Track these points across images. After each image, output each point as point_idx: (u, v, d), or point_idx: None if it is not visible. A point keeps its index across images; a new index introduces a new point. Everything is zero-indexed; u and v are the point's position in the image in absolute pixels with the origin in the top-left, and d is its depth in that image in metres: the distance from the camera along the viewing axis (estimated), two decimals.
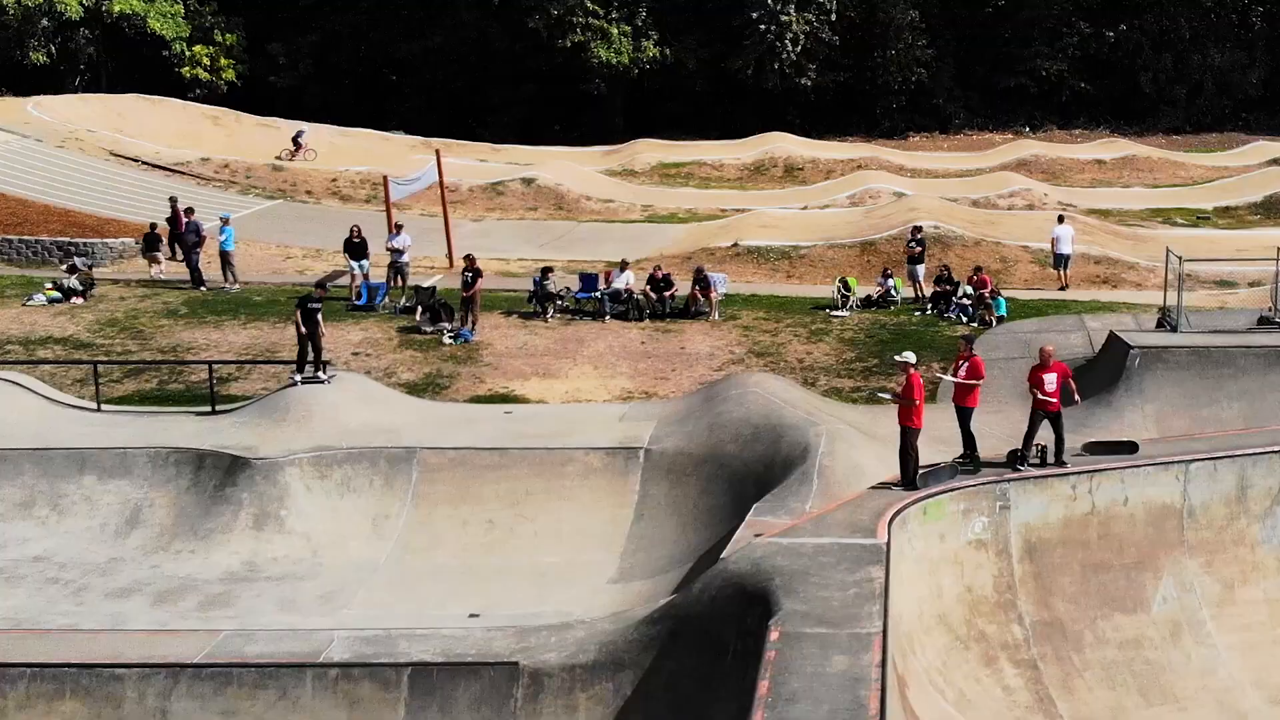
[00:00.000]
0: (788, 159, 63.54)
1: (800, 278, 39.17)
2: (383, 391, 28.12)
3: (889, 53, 74.84)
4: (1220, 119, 73.52)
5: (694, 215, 50.87)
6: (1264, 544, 20.18)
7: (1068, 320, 30.82)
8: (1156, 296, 35.32)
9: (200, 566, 22.74)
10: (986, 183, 53.82)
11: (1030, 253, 39.43)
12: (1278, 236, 43.17)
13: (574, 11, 71.53)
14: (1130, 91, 74.52)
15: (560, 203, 52.29)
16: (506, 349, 31.12)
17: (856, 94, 76.31)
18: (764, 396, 26.08)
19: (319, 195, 50.40)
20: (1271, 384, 25.61)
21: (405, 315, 33.01)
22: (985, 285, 32.32)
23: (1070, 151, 63.16)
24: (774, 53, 73.20)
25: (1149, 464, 19.94)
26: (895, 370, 28.44)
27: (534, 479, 24.70)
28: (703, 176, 62.06)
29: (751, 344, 31.07)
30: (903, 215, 43.04)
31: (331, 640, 17.79)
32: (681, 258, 40.34)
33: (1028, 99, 75.50)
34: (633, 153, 64.89)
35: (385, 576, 22.83)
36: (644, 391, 28.98)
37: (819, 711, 13.19)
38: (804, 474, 22.34)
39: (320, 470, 24.53)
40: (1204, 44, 73.88)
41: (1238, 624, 19.59)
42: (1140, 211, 48.93)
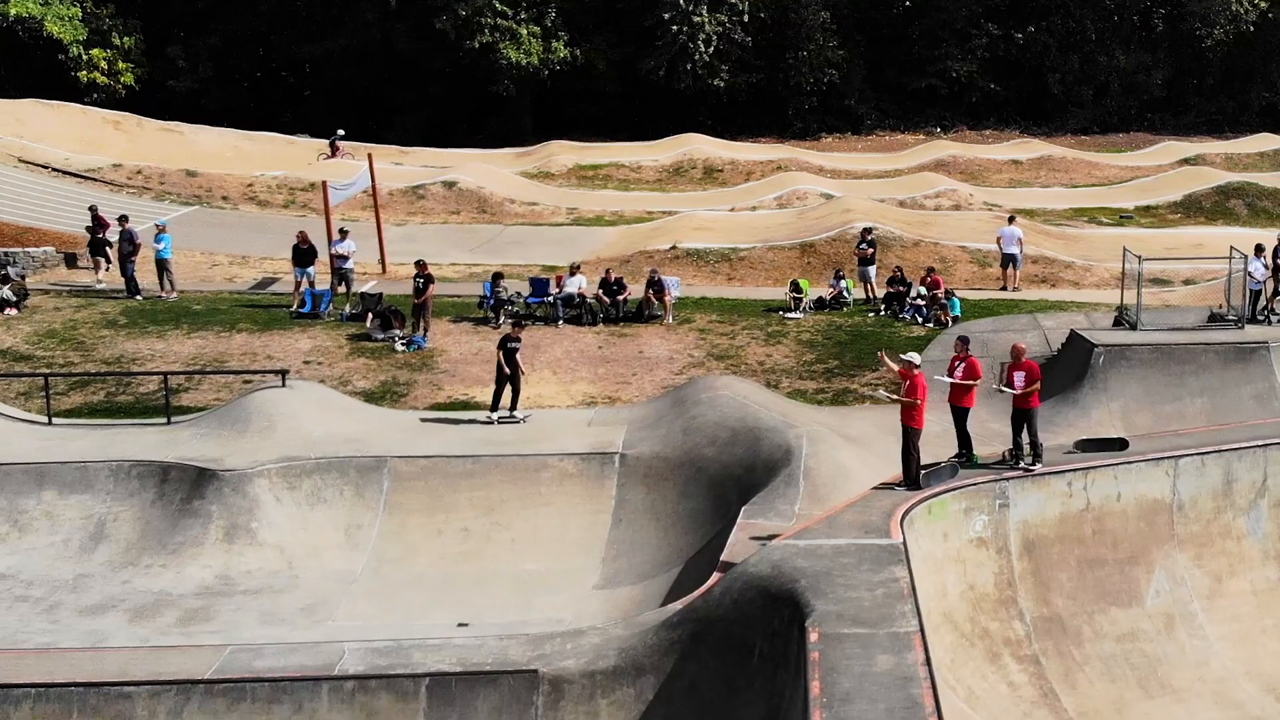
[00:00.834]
0: (706, 160, 63.84)
1: (741, 280, 39.57)
2: (344, 400, 28.03)
3: (801, 54, 75.48)
4: (1126, 119, 75.48)
5: (621, 218, 51.03)
6: (1249, 536, 20.97)
7: (1021, 319, 31.61)
8: (1097, 295, 36.54)
9: (173, 581, 22.57)
10: (911, 184, 54.68)
11: (968, 253, 40.30)
12: (1201, 235, 44.89)
13: (482, 12, 71.17)
14: (1039, 92, 76.19)
15: (483, 206, 52.14)
16: (461, 355, 31.12)
17: (768, 95, 76.91)
18: (736, 400, 26.44)
19: (236, 201, 49.74)
20: (1231, 380, 26.62)
21: (352, 323, 32.81)
22: (938, 286, 33.01)
23: (986, 152, 64.39)
24: (686, 54, 73.51)
25: (1140, 460, 20.62)
26: (859, 371, 29.20)
27: (508, 486, 24.83)
28: (621, 179, 62.16)
29: (710, 347, 31.40)
30: (838, 217, 43.69)
31: (343, 652, 17.74)
32: (619, 261, 40.49)
33: (938, 100, 76.74)
34: (547, 154, 64.79)
35: (365, 587, 22.84)
36: (607, 396, 29.17)
37: (875, 710, 13.49)
38: (789, 476, 22.78)
39: (289, 481, 24.44)
40: (1109, 45, 75.79)
41: (1227, 615, 20.32)
42: (1064, 211, 50.09)
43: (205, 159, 55.81)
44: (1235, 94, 76.96)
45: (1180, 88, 77.01)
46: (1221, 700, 19.16)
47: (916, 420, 19.70)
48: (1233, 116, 75.54)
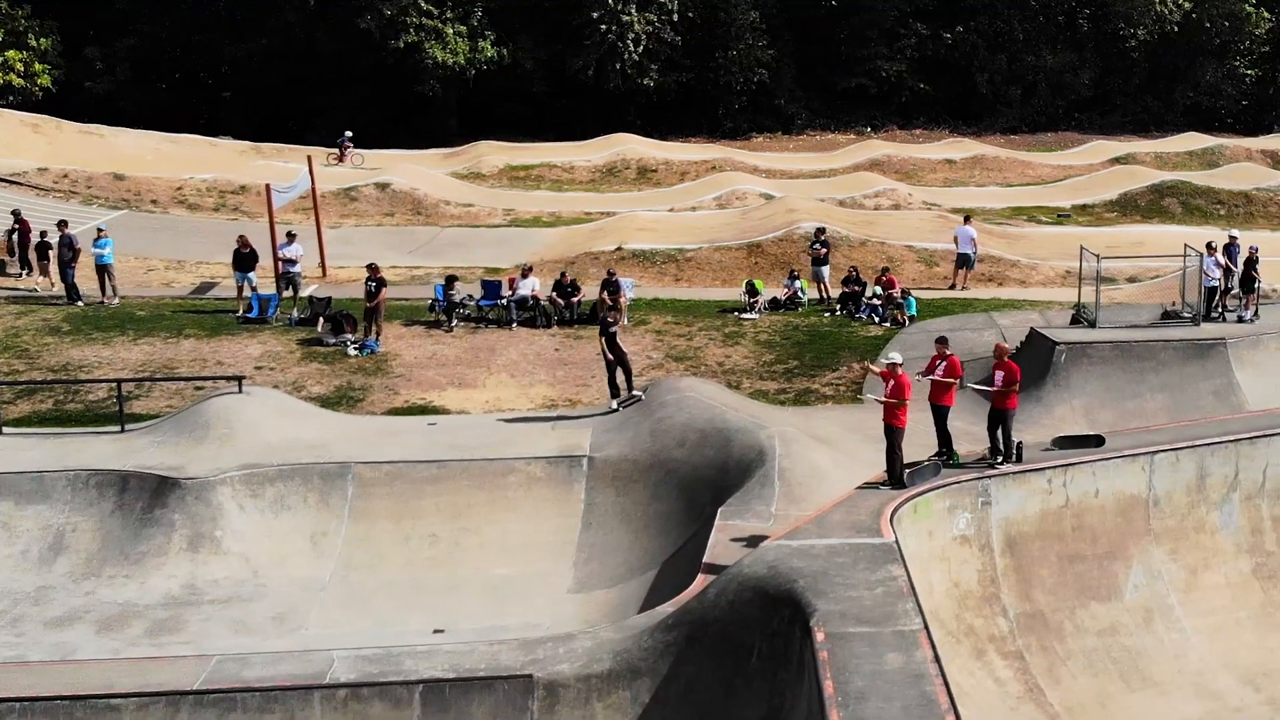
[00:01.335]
0: (640, 160, 64.01)
1: (689, 281, 39.76)
2: (301, 406, 27.85)
3: (730, 53, 76.04)
4: (1054, 119, 76.83)
5: (559, 219, 51.05)
6: (1222, 530, 21.49)
7: (978, 318, 32.11)
8: (1045, 293, 37.21)
9: (138, 592, 22.34)
10: (849, 183, 55.21)
11: (915, 252, 40.84)
12: (1139, 233, 45.80)
13: (407, 11, 70.98)
14: (967, 92, 77.34)
15: (418, 208, 51.92)
16: (416, 359, 31.03)
17: (698, 94, 77.36)
18: (702, 401, 26.59)
19: (165, 205, 49.13)
20: (1190, 376, 27.25)
21: (302, 327, 32.59)
22: (893, 285, 33.42)
23: (920, 152, 65.16)
24: (615, 53, 73.79)
25: (1117, 456, 21.05)
26: (819, 371, 29.50)
27: (475, 491, 24.77)
28: (554, 179, 62.13)
29: (668, 349, 31.56)
30: (783, 217, 44.06)
31: (333, 660, 17.64)
32: (564, 262, 40.55)
33: (868, 99, 77.63)
34: (476, 155, 64.63)
35: (335, 595, 22.72)
36: (568, 399, 29.23)
37: (891, 708, 13.70)
38: (764, 477, 22.92)
39: (252, 489, 24.22)
40: (1037, 45, 77.13)
41: (1203, 608, 20.80)
42: (1002, 210, 50.81)
43: (127, 162, 55.01)
44: (1160, 93, 78.65)
45: (1106, 87, 78.51)
46: (1201, 692, 19.61)
47: (900, 419, 19.96)
48: (1158, 116, 77.19)
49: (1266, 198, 51.75)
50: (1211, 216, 50.07)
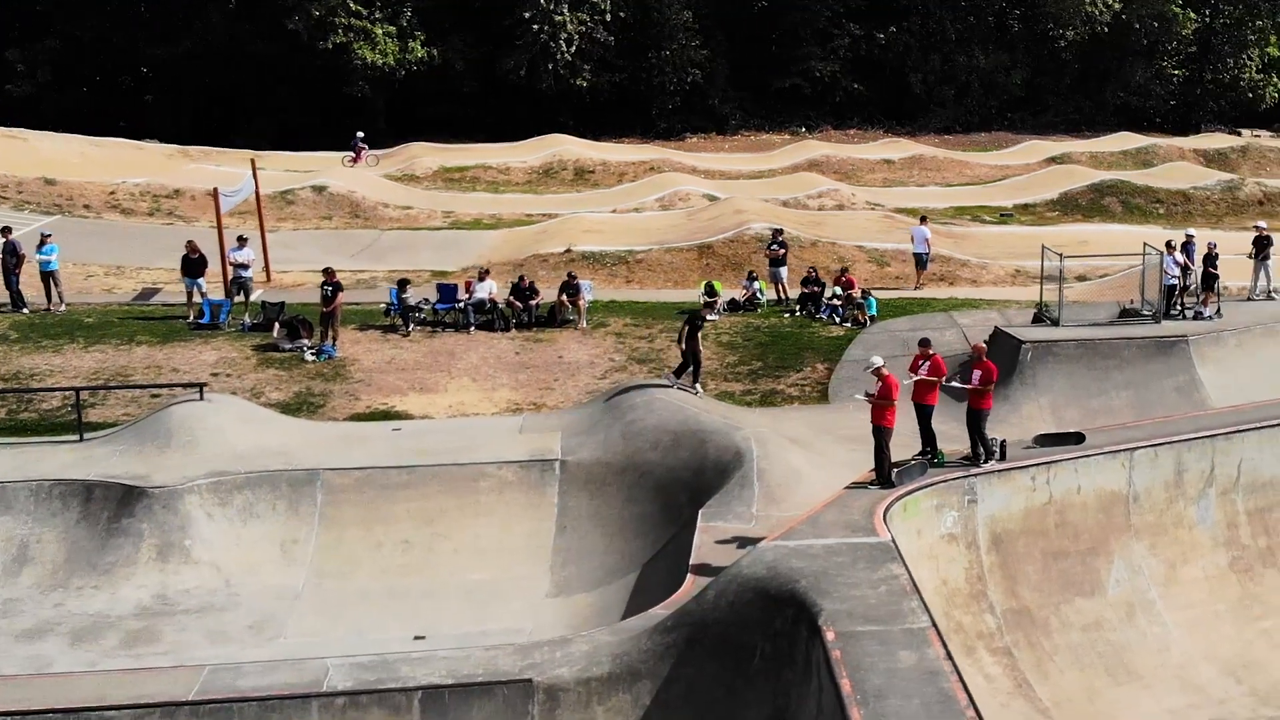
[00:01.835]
0: (577, 161, 64.10)
1: (640, 282, 39.91)
2: (264, 413, 27.63)
3: (663, 53, 76.26)
4: (987, 119, 77.90)
5: (500, 221, 50.99)
6: (1199, 524, 22.00)
7: (938, 318, 32.55)
8: (998, 292, 37.78)
9: (108, 603, 22.13)
10: (791, 184, 55.70)
11: (865, 252, 41.28)
12: (1083, 232, 46.60)
13: (336, 12, 70.60)
14: (901, 92, 78.20)
15: (356, 211, 51.57)
16: (374, 364, 30.91)
17: (631, 95, 77.53)
18: (673, 403, 26.71)
19: (98, 210, 48.42)
20: (1154, 373, 27.84)
21: (255, 333, 32.34)
22: (852, 286, 33.78)
23: (858, 152, 65.84)
24: (548, 53, 73.81)
25: (1098, 453, 21.48)
26: (783, 372, 29.77)
27: (446, 496, 24.74)
28: (490, 180, 61.99)
29: (630, 351, 31.68)
30: (731, 218, 44.36)
31: (327, 668, 17.58)
32: (513, 264, 40.61)
33: (802, 100, 78.21)
34: (409, 157, 64.37)
35: (310, 603, 22.65)
36: (532, 403, 29.25)
37: (910, 705, 13.93)
38: (743, 478, 23.09)
39: (220, 497, 24.06)
40: (969, 46, 78.14)
41: (1183, 602, 21.29)
42: (946, 210, 51.52)
43: (54, 166, 53.97)
44: (1091, 93, 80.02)
45: (1038, 88, 79.73)
46: (1185, 685, 20.07)
47: (889, 419, 20.24)
48: (1089, 116, 78.52)
49: (1204, 196, 52.95)
50: (1151, 215, 51.13)
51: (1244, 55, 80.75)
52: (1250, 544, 22.17)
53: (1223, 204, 52.62)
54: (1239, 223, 49.36)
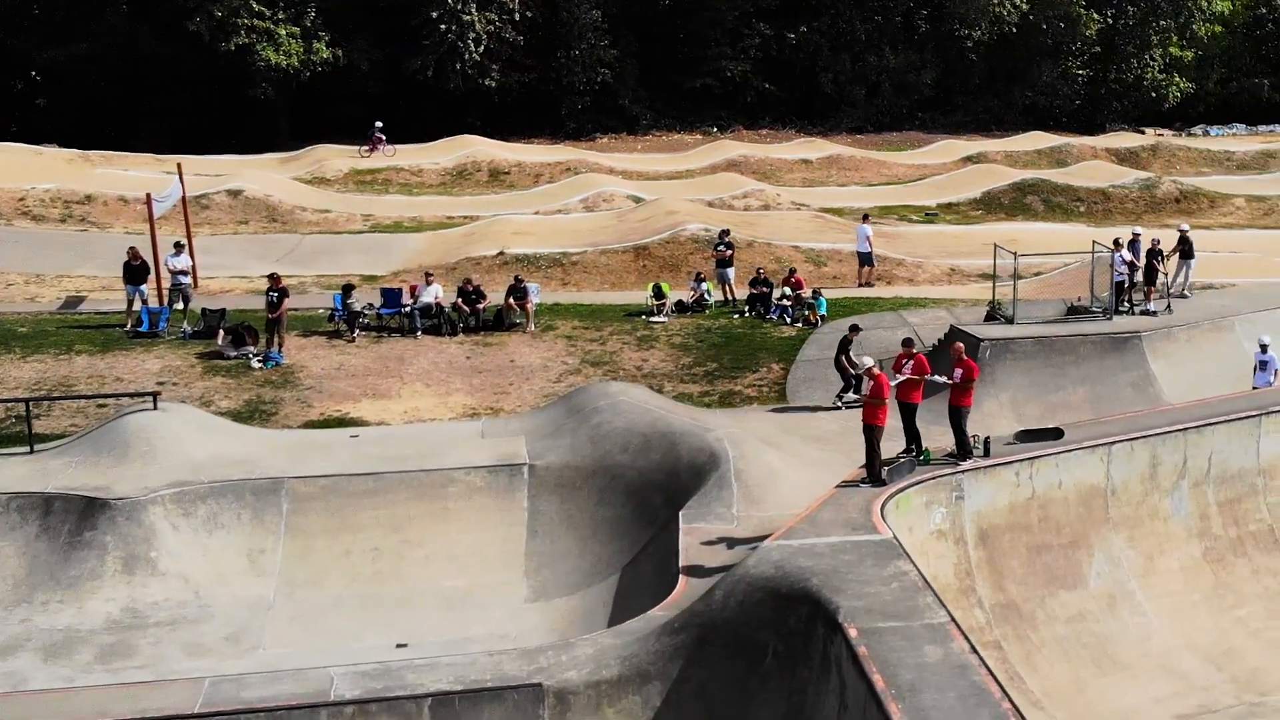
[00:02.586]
0: (491, 163, 64.16)
1: (577, 285, 40.11)
2: (219, 421, 27.40)
3: (573, 53, 76.66)
4: (899, 118, 79.27)
5: (420, 224, 50.95)
6: (1174, 516, 22.68)
7: (888, 317, 33.14)
8: (935, 291, 38.56)
9: (77, 617, 21.83)
10: (714, 184, 56.23)
11: (802, 252, 41.83)
12: (1011, 230, 47.61)
13: (238, 13, 69.96)
14: (812, 92, 79.26)
15: (273, 215, 51.16)
16: (323, 371, 30.77)
17: (540, 95, 77.77)
18: (638, 405, 26.95)
19: (9, 217, 47.47)
20: (1109, 369, 28.68)
21: (197, 340, 32.01)
22: (801, 286, 34.27)
23: (776, 152, 66.60)
24: (455, 53, 73.83)
25: (1078, 448, 22.05)
26: (739, 373, 30.16)
27: (414, 503, 24.70)
28: (403, 183, 61.85)
29: (583, 354, 31.86)
30: (663, 219, 44.72)
31: (331, 678, 17.53)
32: (444, 268, 40.60)
33: (713, 99, 79.00)
34: (317, 159, 63.99)
35: (284, 613, 22.53)
36: (489, 407, 29.33)
37: (946, 699, 14.26)
38: (721, 479, 23.38)
39: (184, 507, 23.80)
40: (879, 46, 79.41)
41: (1161, 592, 21.93)
42: (872, 209, 52.05)
43: None
44: (1000, 93, 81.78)
45: (948, 88, 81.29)
46: (1169, 673, 20.68)
47: (880, 418, 20.64)
48: (999, 115, 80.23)
49: (1123, 195, 54.35)
50: (1073, 214, 52.41)
51: (1146, 55, 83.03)
52: (1221, 534, 22.91)
53: (1141, 202, 54.07)
54: (1158, 220, 50.73)
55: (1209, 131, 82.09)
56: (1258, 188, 58.50)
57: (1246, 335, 30.05)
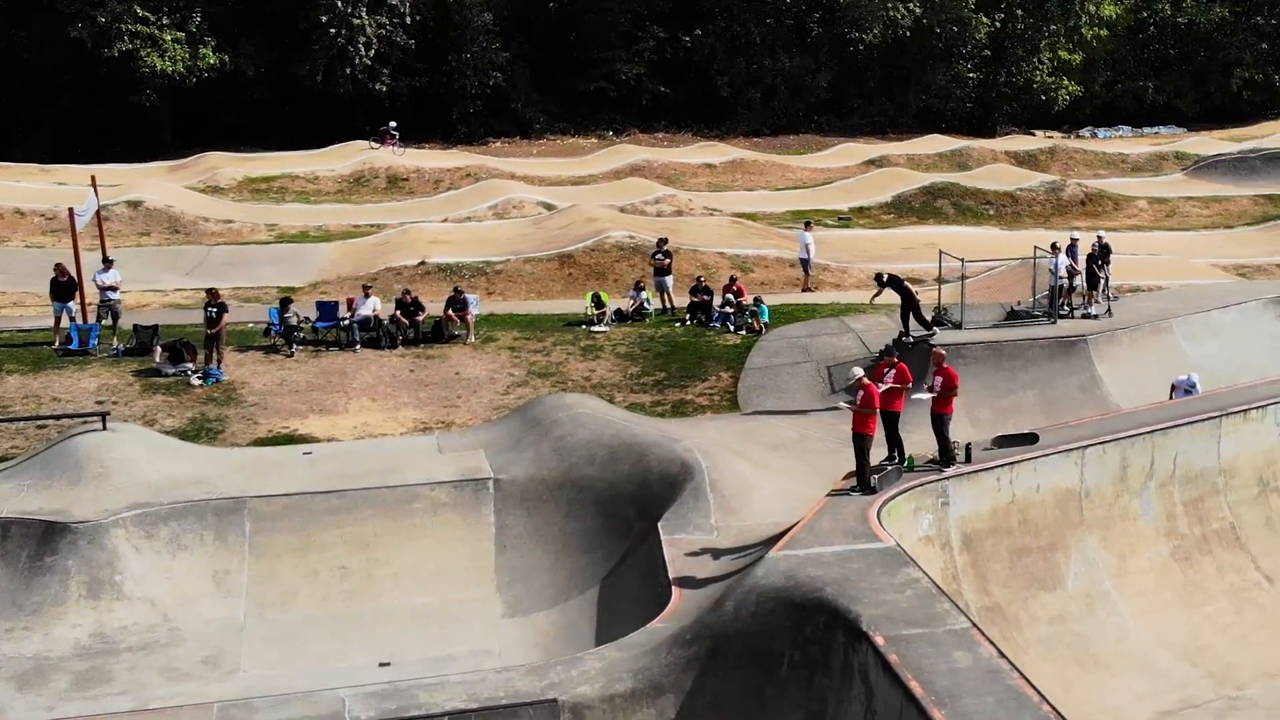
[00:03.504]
0: (389, 169, 63.84)
1: (502, 294, 40.21)
2: (170, 441, 27.15)
3: (464, 56, 76.47)
4: (795, 121, 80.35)
5: (328, 233, 50.64)
6: (1143, 516, 23.55)
7: (831, 323, 33.72)
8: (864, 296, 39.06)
9: (44, 644, 21.60)
10: (623, 190, 56.63)
11: (728, 259, 42.37)
12: (928, 234, 48.77)
13: (122, 19, 68.83)
14: (708, 95, 79.99)
15: (175, 226, 50.53)
16: (266, 387, 30.56)
17: (431, 99, 77.48)
18: (600, 417, 27.27)
19: None
20: (1057, 372, 29.63)
21: (130, 357, 31.61)
22: (742, 294, 34.79)
23: (680, 156, 67.18)
24: (345, 57, 73.30)
25: (1054, 452, 22.81)
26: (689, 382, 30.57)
27: (380, 520, 24.74)
28: (299, 190, 61.29)
29: (528, 365, 32.02)
30: (584, 226, 45.02)
31: (342, 699, 17.58)
32: (365, 278, 40.48)
33: (607, 102, 79.35)
34: (208, 167, 63.12)
35: (259, 635, 22.49)
36: (439, 421, 29.39)
37: (986, 703, 14.79)
38: (696, 490, 23.79)
39: (146, 529, 23.61)
40: (774, 49, 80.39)
41: (1134, 591, 22.76)
42: (783, 214, 53.10)
43: None
44: (895, 96, 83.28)
45: (843, 91, 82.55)
46: (1147, 670, 21.50)
47: (870, 427, 21.18)
48: (894, 118, 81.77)
49: (1030, 197, 55.83)
50: (983, 217, 53.71)
51: (1035, 59, 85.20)
52: (1188, 533, 23.84)
53: (1048, 205, 55.57)
54: (1065, 223, 52.24)
55: (1096, 133, 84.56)
56: (1156, 189, 60.47)
57: (1184, 336, 31.29)
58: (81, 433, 26.13)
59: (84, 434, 26.03)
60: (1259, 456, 25.07)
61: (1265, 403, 25.27)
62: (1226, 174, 63.23)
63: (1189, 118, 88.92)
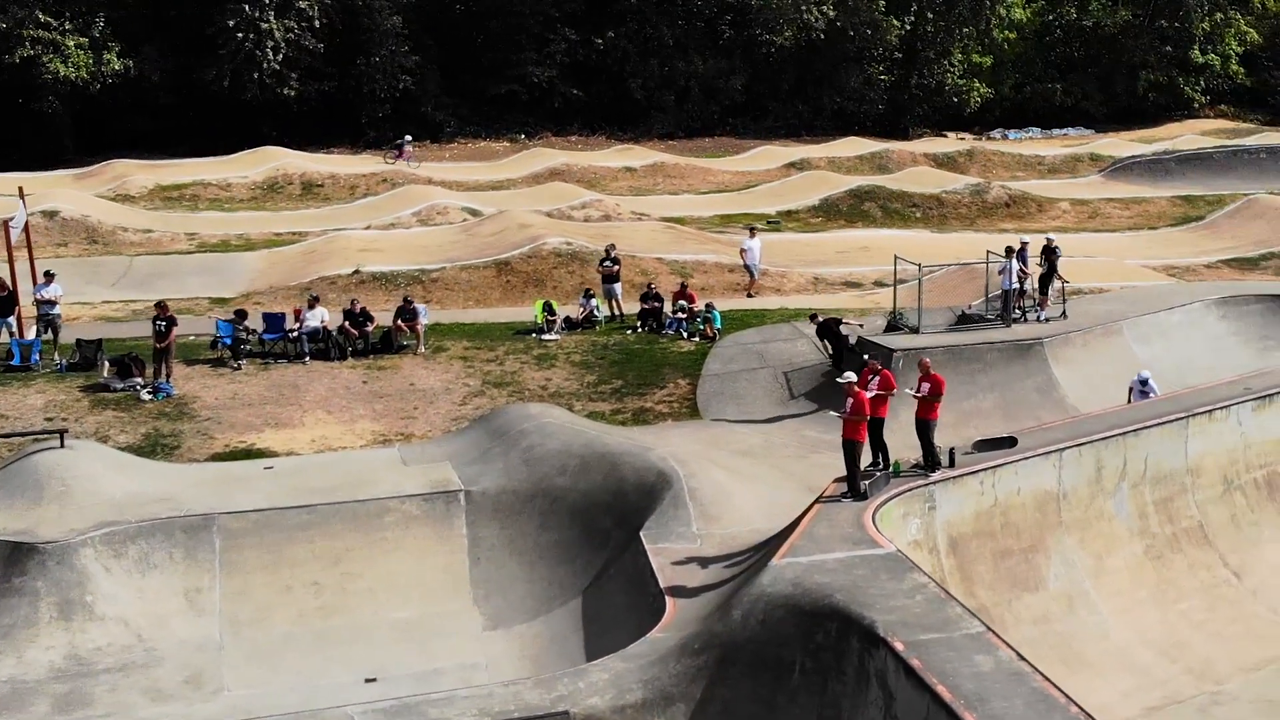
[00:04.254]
0: (303, 175, 63.40)
1: (440, 302, 40.12)
2: (129, 458, 26.90)
3: (373, 59, 76.21)
4: (710, 124, 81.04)
5: (250, 242, 50.26)
6: (1117, 517, 24.21)
7: (783, 329, 34.17)
8: (807, 301, 39.85)
9: (17, 667, 21.34)
10: (547, 194, 56.75)
11: (666, 264, 42.69)
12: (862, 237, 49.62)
13: (23, 24, 67.73)
14: (621, 97, 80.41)
15: (93, 236, 49.75)
16: (218, 401, 30.32)
17: (339, 103, 77.13)
18: (567, 427, 27.44)
19: None
20: (1014, 375, 30.31)
21: (75, 372, 31.21)
22: (693, 300, 35.12)
23: (599, 160, 67.38)
24: (253, 62, 72.75)
25: (1033, 455, 23.39)
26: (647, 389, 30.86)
27: (351, 534, 24.71)
28: (211, 198, 60.68)
29: (482, 375, 32.08)
30: (518, 233, 45.09)
31: (351, 716, 17.65)
32: (298, 289, 40.36)
33: (519, 105, 79.47)
34: (116, 175, 62.31)
35: (239, 653, 22.38)
36: (399, 433, 29.37)
37: (1015, 706, 15.19)
38: (675, 498, 24.03)
39: (114, 549, 23.37)
40: (687, 52, 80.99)
41: (1111, 590, 23.39)
42: (712, 219, 53.57)
43: None
44: (809, 99, 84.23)
45: (757, 93, 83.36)
46: (1129, 668, 22.12)
47: (860, 434, 21.59)
48: (808, 120, 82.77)
49: (956, 200, 56.83)
50: (910, 219, 54.59)
51: (946, 61, 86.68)
52: (1159, 532, 24.54)
53: (973, 207, 56.64)
54: (991, 225, 53.38)
55: (1007, 135, 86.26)
56: (1076, 191, 61.88)
57: (1134, 338, 32.16)
58: (39, 451, 25.81)
59: (42, 452, 25.72)
60: (1223, 456, 25.87)
61: (1228, 403, 26.05)
62: (1142, 175, 64.92)
63: (1096, 119, 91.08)
